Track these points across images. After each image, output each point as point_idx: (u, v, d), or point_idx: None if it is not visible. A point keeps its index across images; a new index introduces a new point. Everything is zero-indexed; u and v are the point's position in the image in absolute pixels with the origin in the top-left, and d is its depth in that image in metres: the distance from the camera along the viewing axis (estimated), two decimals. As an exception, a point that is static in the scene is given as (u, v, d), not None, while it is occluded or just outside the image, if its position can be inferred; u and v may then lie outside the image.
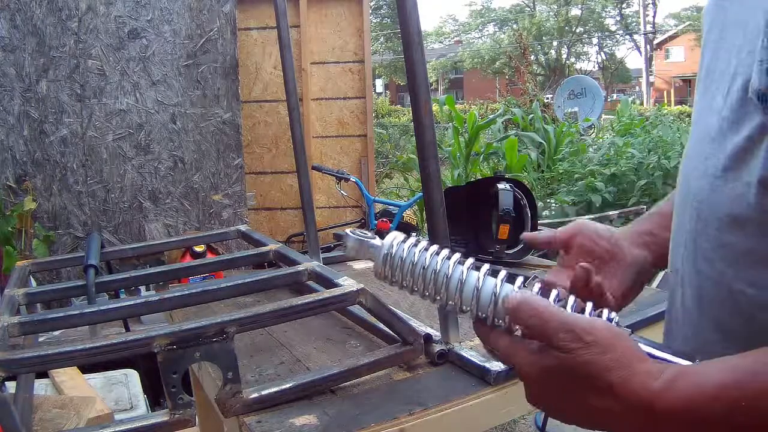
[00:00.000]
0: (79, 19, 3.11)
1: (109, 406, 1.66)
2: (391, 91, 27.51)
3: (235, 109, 3.35)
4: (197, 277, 1.82)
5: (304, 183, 1.55)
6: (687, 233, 0.57)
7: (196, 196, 3.36)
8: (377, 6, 25.59)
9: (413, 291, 0.57)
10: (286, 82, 1.48)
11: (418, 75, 0.94)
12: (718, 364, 0.43)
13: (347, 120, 4.17)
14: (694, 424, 0.42)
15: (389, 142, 9.43)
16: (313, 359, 1.09)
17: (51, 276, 3.02)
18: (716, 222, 0.52)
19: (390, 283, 0.58)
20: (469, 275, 0.54)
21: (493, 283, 0.53)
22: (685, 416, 0.42)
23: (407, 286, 0.57)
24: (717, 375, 0.42)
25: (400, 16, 0.92)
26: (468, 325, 1.22)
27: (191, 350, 0.83)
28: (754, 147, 0.48)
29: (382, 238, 0.59)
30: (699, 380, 0.43)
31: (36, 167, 3.15)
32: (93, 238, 1.44)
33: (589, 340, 0.45)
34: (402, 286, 0.57)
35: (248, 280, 1.19)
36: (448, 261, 0.55)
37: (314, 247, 1.56)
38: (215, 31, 3.28)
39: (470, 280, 0.54)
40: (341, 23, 4.09)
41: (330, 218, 4.18)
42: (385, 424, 0.86)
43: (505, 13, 29.96)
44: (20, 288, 1.22)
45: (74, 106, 3.16)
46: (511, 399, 0.99)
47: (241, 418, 0.88)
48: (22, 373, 1.11)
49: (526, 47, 10.29)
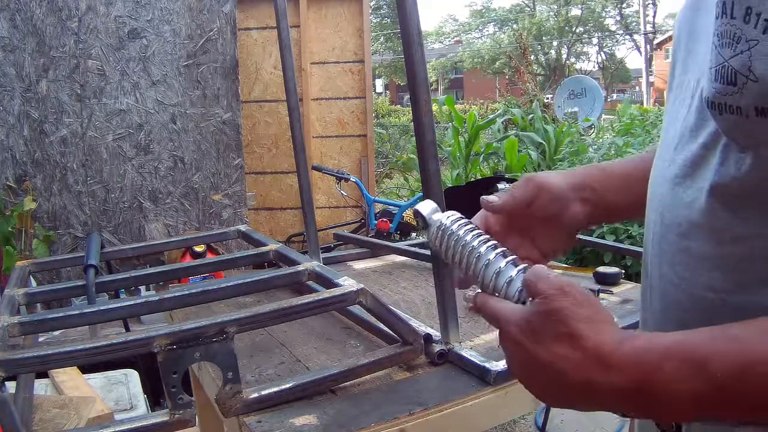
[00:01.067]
0: (79, 19, 3.11)
1: (109, 406, 1.66)
2: (391, 91, 27.52)
3: (235, 109, 3.35)
4: (197, 277, 1.82)
5: (304, 183, 1.55)
6: (653, 236, 0.58)
7: (196, 196, 3.36)
8: (377, 6, 25.60)
9: (453, 262, 0.61)
10: (286, 82, 1.48)
11: (418, 75, 0.94)
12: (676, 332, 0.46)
13: (347, 120, 4.18)
14: (642, 380, 0.44)
15: (389, 142, 9.43)
16: (313, 359, 1.09)
17: (51, 276, 3.02)
18: (676, 227, 0.53)
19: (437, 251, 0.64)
20: (492, 253, 0.58)
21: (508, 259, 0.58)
22: (634, 370, 0.44)
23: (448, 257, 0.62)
24: (670, 336, 0.45)
25: (400, 16, 0.92)
26: (468, 324, 1.22)
27: (191, 350, 0.83)
28: (709, 154, 0.49)
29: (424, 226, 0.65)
30: (653, 337, 0.46)
31: (36, 167, 3.15)
32: (93, 238, 1.44)
33: (567, 291, 0.48)
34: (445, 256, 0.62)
35: (248, 280, 1.19)
36: (482, 241, 0.59)
37: (314, 247, 1.56)
38: (215, 31, 3.28)
39: (496, 260, 0.57)
40: (341, 23, 4.09)
41: (330, 218, 4.19)
42: (385, 424, 0.86)
43: (505, 13, 29.97)
44: (20, 288, 1.22)
45: (74, 106, 3.16)
46: (511, 399, 0.99)
47: (241, 418, 0.89)
48: (22, 373, 1.11)
49: (526, 47, 10.29)
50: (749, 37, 0.43)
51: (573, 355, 0.47)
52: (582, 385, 0.46)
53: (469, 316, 1.28)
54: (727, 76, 0.44)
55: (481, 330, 1.21)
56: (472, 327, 1.22)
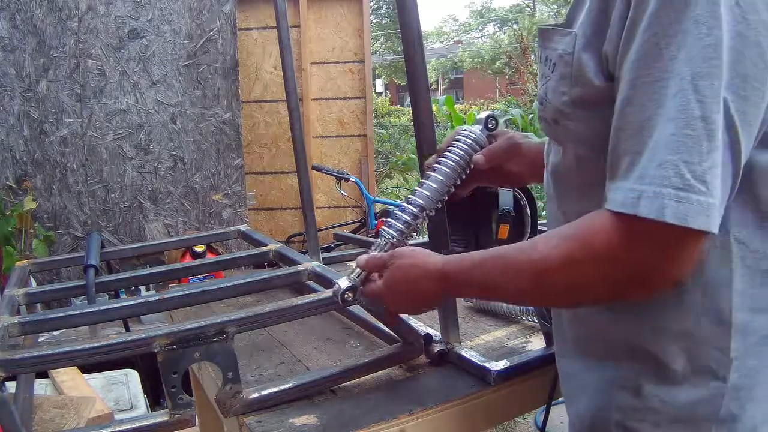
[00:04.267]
0: (79, 19, 3.11)
1: (109, 406, 1.66)
2: (391, 91, 27.49)
3: (235, 109, 3.35)
4: (197, 277, 1.82)
5: (304, 183, 1.55)
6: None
7: (196, 196, 3.36)
8: (377, 6, 25.57)
9: None
10: (286, 82, 1.48)
11: (418, 75, 0.94)
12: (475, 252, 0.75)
13: (347, 120, 4.17)
14: (467, 283, 0.75)
15: (389, 142, 9.42)
16: (313, 359, 1.09)
17: (51, 276, 3.02)
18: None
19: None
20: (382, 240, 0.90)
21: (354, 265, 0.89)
22: (462, 276, 0.74)
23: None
24: (477, 254, 0.73)
25: (400, 16, 0.92)
26: (468, 325, 1.22)
27: (191, 350, 0.83)
28: (549, 145, 0.80)
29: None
30: (465, 256, 0.75)
31: (36, 167, 3.15)
32: (93, 238, 1.44)
33: (396, 255, 0.82)
34: None
35: (248, 280, 1.19)
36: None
37: (314, 247, 1.55)
38: (215, 31, 3.28)
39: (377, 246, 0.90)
40: (341, 23, 4.09)
41: (330, 218, 4.18)
42: (385, 424, 0.86)
43: (505, 13, 29.94)
44: (20, 288, 1.22)
45: (74, 106, 3.16)
46: (511, 399, 1.00)
47: (241, 418, 0.89)
48: (22, 373, 1.12)
49: (526, 47, 10.27)
50: (546, 75, 0.69)
51: (428, 276, 0.77)
52: (424, 289, 0.78)
53: (469, 317, 1.28)
54: (540, 99, 0.72)
55: (481, 330, 1.21)
56: (472, 327, 1.22)
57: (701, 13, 0.53)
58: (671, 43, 0.54)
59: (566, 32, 0.66)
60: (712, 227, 0.54)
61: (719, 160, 0.54)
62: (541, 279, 0.64)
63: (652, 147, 0.55)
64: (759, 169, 0.60)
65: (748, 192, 0.60)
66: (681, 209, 0.53)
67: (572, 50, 0.64)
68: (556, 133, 0.71)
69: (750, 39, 0.54)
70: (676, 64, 0.54)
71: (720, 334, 0.63)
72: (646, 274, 0.58)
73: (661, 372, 0.65)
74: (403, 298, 0.82)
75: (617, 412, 0.69)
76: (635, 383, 0.67)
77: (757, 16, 0.54)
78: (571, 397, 0.78)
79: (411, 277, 0.79)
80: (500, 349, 1.11)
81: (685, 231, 0.54)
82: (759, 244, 0.62)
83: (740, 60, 0.54)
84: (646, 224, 0.54)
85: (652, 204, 0.54)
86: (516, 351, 1.09)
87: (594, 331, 0.73)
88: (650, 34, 0.55)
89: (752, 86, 0.54)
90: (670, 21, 0.54)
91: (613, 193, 0.58)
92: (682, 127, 0.53)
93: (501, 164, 0.94)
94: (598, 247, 0.59)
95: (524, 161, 0.94)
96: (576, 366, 0.76)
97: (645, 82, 0.56)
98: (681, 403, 0.64)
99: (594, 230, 0.59)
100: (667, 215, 0.53)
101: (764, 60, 0.54)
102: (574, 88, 0.65)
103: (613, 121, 0.59)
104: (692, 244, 0.56)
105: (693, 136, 0.53)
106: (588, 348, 0.75)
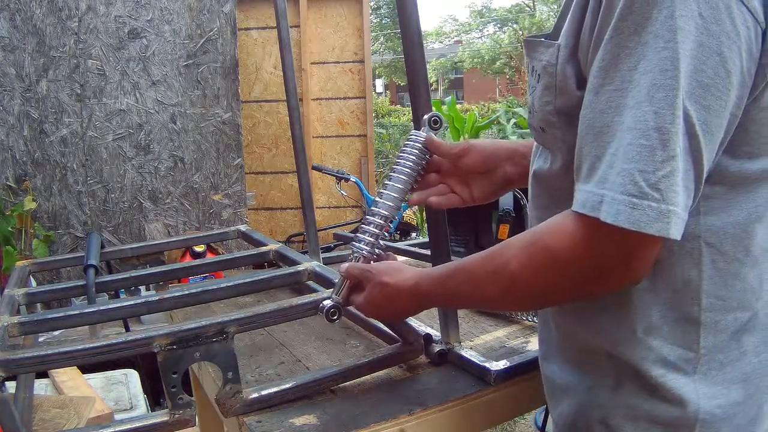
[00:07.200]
0: (79, 19, 3.11)
1: (109, 406, 1.66)
2: (391, 91, 27.48)
3: (235, 109, 3.35)
4: (197, 277, 1.82)
5: (304, 183, 1.55)
6: None
7: (196, 196, 3.36)
8: (377, 6, 25.57)
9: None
10: (286, 82, 1.48)
11: (418, 75, 0.94)
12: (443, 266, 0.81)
13: (347, 120, 4.17)
14: (440, 296, 0.79)
15: (389, 142, 9.42)
16: (313, 359, 1.09)
17: (51, 276, 3.02)
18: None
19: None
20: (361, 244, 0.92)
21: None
22: (434, 290, 0.78)
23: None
24: (445, 267, 0.78)
25: (400, 16, 0.92)
26: (468, 325, 1.22)
27: (191, 350, 0.83)
28: (536, 150, 0.80)
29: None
30: (436, 270, 0.80)
31: (36, 167, 3.15)
32: (93, 238, 1.44)
33: (374, 272, 0.85)
34: None
35: (248, 280, 1.19)
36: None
37: (314, 247, 1.56)
38: (215, 31, 3.28)
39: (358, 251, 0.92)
40: (341, 23, 4.09)
41: (330, 218, 4.18)
42: (385, 424, 0.86)
43: (505, 13, 29.94)
44: (20, 288, 1.23)
45: (74, 106, 3.16)
46: (511, 399, 1.00)
47: (241, 418, 0.89)
48: (22, 373, 1.12)
49: (526, 47, 10.28)
50: (533, 85, 0.72)
51: (403, 293, 0.82)
52: (400, 303, 0.83)
53: (469, 317, 1.28)
54: (528, 108, 0.75)
55: (481, 330, 1.21)
56: (472, 327, 1.22)
57: (660, 27, 0.55)
58: (631, 54, 0.57)
59: (549, 44, 0.68)
60: (672, 233, 0.55)
61: (679, 167, 0.56)
62: (505, 287, 0.67)
63: (611, 153, 0.57)
64: (730, 176, 0.62)
65: (721, 197, 0.63)
66: (635, 215, 0.55)
67: (555, 61, 0.67)
68: (545, 140, 0.74)
69: (712, 49, 0.55)
70: (635, 75, 0.56)
71: (690, 332, 0.65)
72: (606, 273, 0.61)
73: (639, 375, 0.67)
74: (384, 313, 0.89)
75: (598, 409, 0.70)
76: (615, 381, 0.69)
77: (719, 26, 0.55)
78: (553, 399, 0.79)
79: (387, 294, 0.83)
80: (500, 349, 1.11)
81: (641, 236, 0.56)
82: (729, 247, 0.64)
83: (702, 70, 0.56)
84: (606, 227, 0.57)
85: (611, 208, 0.56)
86: (516, 351, 1.09)
87: (571, 336, 0.75)
88: (613, 45, 0.58)
89: (713, 95, 0.56)
90: (630, 33, 0.57)
91: (578, 194, 0.60)
92: (638, 137, 0.56)
93: (461, 165, 0.93)
94: (559, 248, 0.61)
95: (480, 157, 0.93)
96: (558, 369, 0.78)
97: (607, 89, 0.58)
98: (660, 408, 0.66)
99: (555, 232, 0.62)
100: (622, 221, 0.56)
101: (726, 69, 0.56)
102: (559, 99, 0.67)
103: (579, 123, 0.62)
104: (648, 249, 0.59)
105: (647, 146, 0.55)
106: (569, 353, 0.76)
